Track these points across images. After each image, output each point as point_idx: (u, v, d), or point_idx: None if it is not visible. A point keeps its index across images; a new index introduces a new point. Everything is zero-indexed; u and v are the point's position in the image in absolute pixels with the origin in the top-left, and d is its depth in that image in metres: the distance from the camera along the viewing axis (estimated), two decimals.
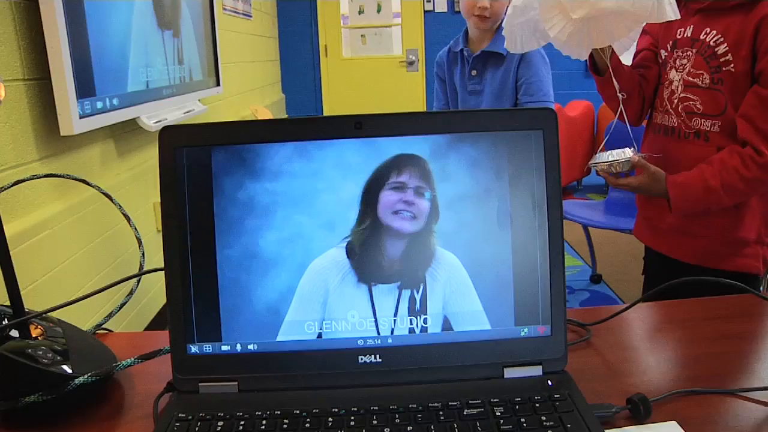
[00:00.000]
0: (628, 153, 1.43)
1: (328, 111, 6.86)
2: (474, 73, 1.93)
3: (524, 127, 0.71)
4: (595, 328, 0.90)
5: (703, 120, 1.41)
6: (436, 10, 6.67)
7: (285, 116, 6.70)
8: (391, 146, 0.71)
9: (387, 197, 0.71)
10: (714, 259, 1.49)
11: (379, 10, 6.75)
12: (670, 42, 1.49)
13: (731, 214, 1.44)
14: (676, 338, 0.90)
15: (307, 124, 0.71)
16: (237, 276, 0.72)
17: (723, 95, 1.37)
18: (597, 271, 3.51)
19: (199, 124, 0.73)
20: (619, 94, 1.46)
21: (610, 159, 1.43)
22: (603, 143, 1.52)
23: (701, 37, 1.39)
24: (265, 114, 4.95)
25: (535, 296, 0.73)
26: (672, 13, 1.35)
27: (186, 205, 0.72)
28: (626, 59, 1.57)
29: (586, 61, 1.52)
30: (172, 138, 0.71)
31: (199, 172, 0.71)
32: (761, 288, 1.53)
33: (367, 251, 0.71)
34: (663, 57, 1.52)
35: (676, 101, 1.47)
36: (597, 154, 1.48)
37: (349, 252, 0.71)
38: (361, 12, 6.76)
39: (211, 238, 0.72)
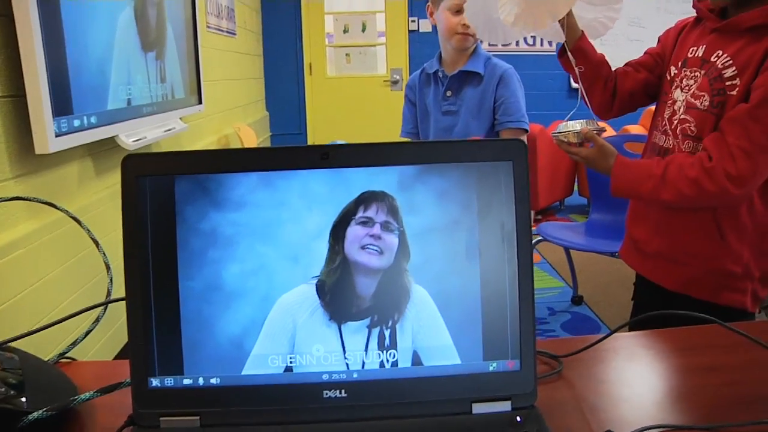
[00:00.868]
0: (581, 123, 1.46)
1: (311, 129, 6.86)
2: (449, 93, 1.93)
3: (493, 158, 0.70)
4: (568, 359, 0.88)
5: (695, 143, 1.38)
6: (420, 30, 6.71)
7: (268, 134, 6.69)
8: (358, 177, 0.69)
9: (354, 232, 0.69)
10: (699, 290, 1.45)
11: (363, 30, 6.78)
12: (681, 60, 1.46)
13: (714, 243, 1.40)
14: (651, 370, 0.89)
15: (272, 153, 0.70)
16: (200, 308, 0.70)
17: (715, 118, 1.34)
18: (578, 293, 3.51)
19: (162, 153, 0.71)
20: (576, 68, 1.50)
21: (565, 129, 1.46)
22: (569, 115, 1.54)
23: (712, 59, 1.36)
24: (247, 133, 4.94)
25: (504, 330, 0.71)
26: None
27: (148, 235, 0.70)
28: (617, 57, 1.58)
29: (569, 81, 1.56)
30: (135, 167, 0.70)
31: (162, 201, 0.70)
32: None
33: (338, 289, 0.70)
34: (672, 74, 1.48)
35: (675, 122, 1.44)
36: (560, 125, 1.51)
37: (320, 289, 0.70)
38: (345, 31, 6.79)
39: (174, 269, 0.70)
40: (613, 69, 1.62)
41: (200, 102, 3.85)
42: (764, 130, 1.26)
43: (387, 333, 0.71)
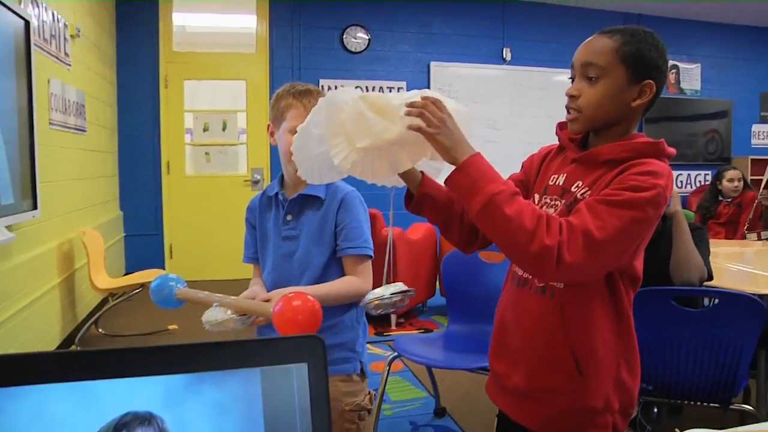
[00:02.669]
0: (375, 293, 1.45)
1: (168, 230, 6.55)
2: (289, 217, 1.81)
3: (284, 361, 0.59)
4: None
5: None
6: None
7: (122, 235, 6.32)
8: (113, 393, 0.55)
9: None
10: (560, 429, 1.39)
11: (224, 128, 6.68)
12: (543, 187, 1.43)
13: (573, 380, 1.34)
14: None
15: None
16: None
17: None
18: (441, 404, 3.41)
19: None
20: (388, 228, 1.43)
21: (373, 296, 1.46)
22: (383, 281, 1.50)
23: (572, 189, 1.34)
24: (93, 237, 4.60)
25: None
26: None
27: None
28: None
29: None
30: None
31: None
32: None
33: None
34: (534, 202, 1.43)
35: None
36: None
37: None
38: (206, 129, 6.65)
39: None
40: None
41: (35, 207, 3.54)
42: (602, 226, 1.18)
43: None
